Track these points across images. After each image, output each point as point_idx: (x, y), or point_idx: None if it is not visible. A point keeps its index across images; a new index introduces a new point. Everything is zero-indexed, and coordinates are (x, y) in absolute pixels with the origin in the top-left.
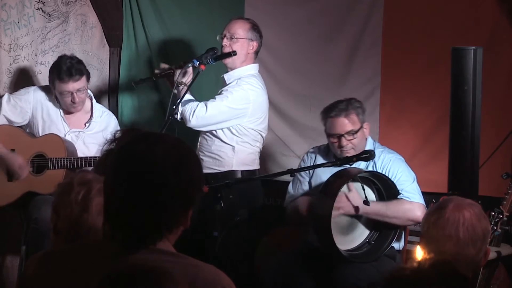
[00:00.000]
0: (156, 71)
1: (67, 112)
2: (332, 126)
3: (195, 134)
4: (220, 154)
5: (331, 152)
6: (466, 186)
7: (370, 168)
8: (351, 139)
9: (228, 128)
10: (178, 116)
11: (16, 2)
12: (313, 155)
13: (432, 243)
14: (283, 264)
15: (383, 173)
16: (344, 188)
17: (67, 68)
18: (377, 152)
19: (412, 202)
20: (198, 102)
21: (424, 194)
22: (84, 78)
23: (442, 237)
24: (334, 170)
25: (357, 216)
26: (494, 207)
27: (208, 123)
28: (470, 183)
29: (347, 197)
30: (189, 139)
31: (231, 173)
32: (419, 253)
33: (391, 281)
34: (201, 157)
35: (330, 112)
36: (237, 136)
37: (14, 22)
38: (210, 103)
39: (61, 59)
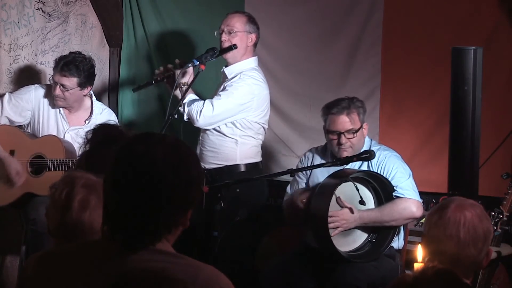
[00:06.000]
0: (155, 74)
1: (67, 110)
2: (332, 123)
3: (199, 130)
4: (222, 149)
5: (328, 153)
6: (466, 186)
7: (365, 166)
8: (351, 138)
9: (232, 123)
10: (185, 117)
11: (16, 2)
12: (310, 156)
13: (433, 243)
14: (284, 264)
15: (379, 170)
16: (337, 195)
17: (65, 61)
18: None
19: (406, 199)
20: (203, 101)
21: (424, 194)
22: (73, 79)
23: (443, 237)
24: (331, 170)
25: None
26: (494, 207)
27: (215, 121)
28: (470, 183)
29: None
30: (193, 135)
31: (236, 167)
32: (420, 253)
33: None
34: (203, 152)
35: (331, 109)
36: (240, 130)
37: (14, 22)
38: (216, 101)
39: (71, 53)
